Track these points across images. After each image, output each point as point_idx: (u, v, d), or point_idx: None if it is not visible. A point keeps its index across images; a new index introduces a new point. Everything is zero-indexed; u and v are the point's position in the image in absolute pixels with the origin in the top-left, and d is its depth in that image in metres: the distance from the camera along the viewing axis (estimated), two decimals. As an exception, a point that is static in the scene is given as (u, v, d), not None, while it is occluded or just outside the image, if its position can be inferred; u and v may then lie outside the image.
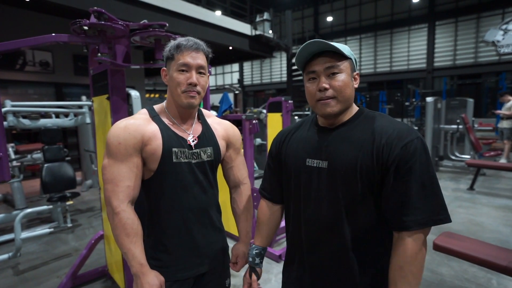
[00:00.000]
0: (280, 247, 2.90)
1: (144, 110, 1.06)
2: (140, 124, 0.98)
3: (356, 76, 0.90)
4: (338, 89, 0.85)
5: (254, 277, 1.08)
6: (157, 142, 0.98)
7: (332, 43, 0.84)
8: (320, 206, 0.89)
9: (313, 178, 0.90)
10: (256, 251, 1.09)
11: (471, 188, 4.69)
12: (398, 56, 16.23)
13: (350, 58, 0.87)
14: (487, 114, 13.19)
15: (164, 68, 1.04)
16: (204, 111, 1.16)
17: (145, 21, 1.78)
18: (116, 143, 0.94)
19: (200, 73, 1.00)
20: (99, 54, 1.58)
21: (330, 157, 0.87)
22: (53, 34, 1.55)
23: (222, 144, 1.12)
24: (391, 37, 16.35)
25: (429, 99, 5.82)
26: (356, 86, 0.90)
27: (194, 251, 1.05)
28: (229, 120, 3.10)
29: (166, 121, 1.04)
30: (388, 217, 0.82)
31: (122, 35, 1.68)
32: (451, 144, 6.53)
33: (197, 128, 1.09)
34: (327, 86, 0.84)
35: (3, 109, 3.14)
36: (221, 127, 1.16)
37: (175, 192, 1.01)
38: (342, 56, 0.86)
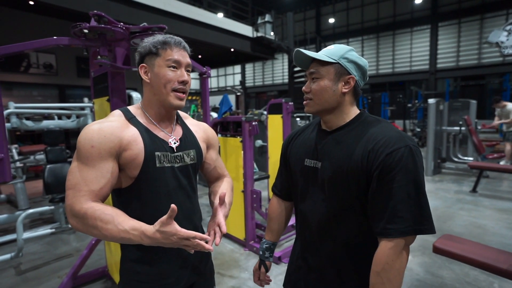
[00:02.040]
0: (280, 249, 2.90)
1: (118, 112, 0.96)
2: (117, 127, 0.89)
3: (350, 81, 0.89)
4: (314, 93, 0.91)
5: (263, 269, 1.13)
6: (138, 146, 0.90)
7: (309, 52, 0.90)
8: (314, 203, 0.94)
9: (309, 177, 0.96)
10: (266, 245, 1.13)
11: (474, 190, 4.65)
12: (400, 57, 16.17)
13: (337, 63, 0.88)
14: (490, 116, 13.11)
15: (144, 64, 0.95)
16: (180, 113, 1.10)
17: (145, 24, 1.80)
18: (88, 146, 0.84)
19: (187, 71, 0.97)
20: (99, 57, 1.60)
21: (323, 158, 0.91)
22: (55, 37, 1.57)
23: (203, 146, 1.09)
24: (394, 38, 16.30)
25: (431, 100, 5.80)
26: (345, 90, 0.89)
27: (180, 262, 0.99)
28: (229, 122, 3.13)
29: (145, 123, 0.96)
30: (372, 223, 0.83)
31: (122, 38, 1.70)
32: (453, 146, 6.50)
33: (178, 130, 1.03)
34: (307, 90, 0.93)
35: (7, 111, 3.18)
36: (200, 129, 1.12)
37: (158, 200, 0.93)
38: (326, 62, 0.89)
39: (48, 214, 3.75)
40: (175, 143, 0.98)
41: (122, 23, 1.70)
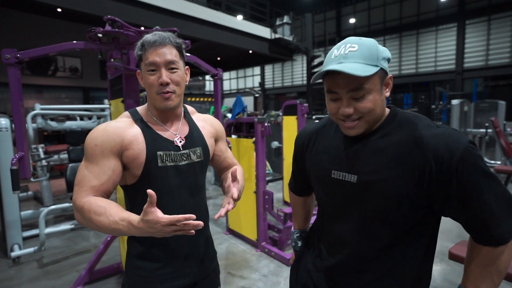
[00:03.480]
0: (291, 251, 2.87)
1: (127, 113, 1.00)
2: (120, 127, 0.92)
3: (389, 81, 0.78)
4: (365, 112, 0.74)
5: None
6: (139, 146, 0.92)
7: (350, 70, 0.69)
8: (346, 220, 0.82)
9: (339, 192, 0.83)
10: (297, 234, 1.11)
11: (501, 196, 4.40)
12: (424, 57, 15.61)
13: (379, 68, 0.73)
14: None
15: (138, 70, 0.98)
16: (188, 108, 1.10)
17: (158, 27, 1.85)
18: (92, 145, 0.88)
19: (172, 69, 0.93)
20: (112, 60, 1.66)
21: (360, 171, 0.78)
22: (72, 42, 1.65)
23: (210, 143, 1.09)
24: (417, 38, 15.77)
25: (454, 101, 5.56)
26: (387, 94, 0.78)
27: (183, 261, 0.99)
28: (242, 123, 3.14)
29: (150, 123, 0.97)
30: (474, 236, 0.76)
31: (135, 41, 1.76)
32: (479, 149, 6.19)
33: (184, 128, 1.03)
34: (351, 111, 0.74)
35: (33, 112, 3.37)
36: (207, 124, 1.11)
37: (161, 198, 0.90)
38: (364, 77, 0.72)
39: (70, 210, 3.93)
40: (180, 141, 0.98)
41: (134, 27, 1.76)
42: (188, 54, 2.13)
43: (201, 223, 0.76)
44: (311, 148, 0.94)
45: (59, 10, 5.70)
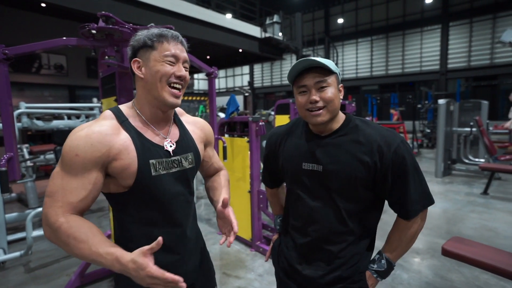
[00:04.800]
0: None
1: (109, 113, 0.88)
2: (106, 134, 0.81)
3: (341, 89, 0.99)
4: (328, 101, 0.94)
5: None
6: (130, 155, 0.83)
7: (319, 59, 0.91)
8: (314, 202, 1.02)
9: (309, 179, 1.02)
10: (280, 218, 1.25)
11: (485, 192, 4.55)
12: (410, 57, 15.96)
13: (336, 73, 0.96)
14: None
15: (137, 58, 0.88)
16: (177, 109, 1.03)
17: (152, 24, 1.81)
18: (72, 154, 0.77)
19: (185, 67, 0.91)
20: (106, 57, 1.62)
21: (324, 162, 0.98)
22: (63, 38, 1.59)
23: (201, 148, 1.04)
24: (403, 38, 16.09)
25: (441, 101, 5.70)
26: (341, 97, 0.99)
27: (179, 267, 0.94)
28: (235, 122, 3.13)
29: (138, 126, 0.89)
30: (394, 209, 1.00)
31: (129, 38, 1.71)
32: (464, 148, 6.37)
33: (174, 132, 0.97)
34: (317, 98, 0.93)
35: (18, 111, 3.24)
36: (197, 127, 1.06)
37: (155, 208, 0.89)
38: (329, 71, 0.94)
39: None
40: (171, 146, 0.91)
41: (130, 24, 1.71)
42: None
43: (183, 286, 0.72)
44: (283, 146, 1.11)
45: (43, 5, 5.51)
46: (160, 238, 0.71)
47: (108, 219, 3.79)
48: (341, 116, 1.03)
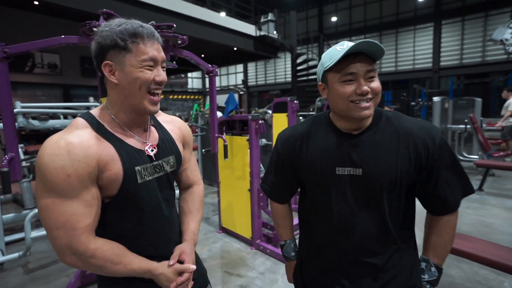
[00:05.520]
0: (287, 248, 2.89)
1: (82, 121, 0.79)
2: (89, 146, 0.74)
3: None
4: (377, 92, 0.83)
5: None
6: (116, 165, 0.78)
7: (376, 42, 0.79)
8: (354, 212, 0.88)
9: (347, 185, 0.88)
10: (293, 243, 1.14)
11: (480, 189, 4.62)
12: (403, 55, 16.10)
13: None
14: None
15: (108, 62, 0.77)
16: None
17: (153, 22, 1.79)
18: (63, 176, 0.70)
19: (163, 67, 0.83)
20: (108, 55, 1.60)
21: (364, 164, 0.86)
22: (64, 36, 1.57)
23: (181, 148, 0.98)
24: (397, 36, 16.22)
25: (436, 98, 5.78)
26: None
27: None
28: (235, 120, 3.12)
29: (116, 132, 0.81)
30: (433, 206, 0.92)
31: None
32: (458, 144, 6.46)
33: (154, 135, 0.91)
34: (369, 89, 0.81)
35: (14, 110, 3.17)
36: (175, 127, 0.99)
37: (141, 217, 0.84)
38: (373, 60, 0.83)
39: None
40: (152, 150, 0.86)
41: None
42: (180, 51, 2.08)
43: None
44: (305, 151, 0.94)
45: (36, 3, 5.42)
46: (192, 267, 0.89)
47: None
48: None
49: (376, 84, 0.83)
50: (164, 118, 0.99)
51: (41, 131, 5.64)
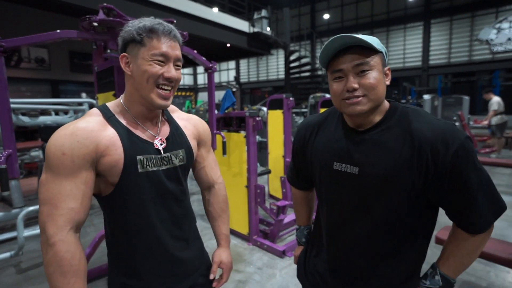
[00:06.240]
0: (283, 243, 2.93)
1: (96, 110, 0.84)
2: (92, 130, 0.78)
3: (388, 72, 0.81)
4: (369, 88, 0.75)
5: None
6: (118, 151, 0.80)
7: (360, 36, 0.74)
8: (345, 209, 0.86)
9: (341, 182, 0.85)
10: (307, 230, 1.13)
11: (468, 184, 4.75)
12: (394, 54, 16.33)
13: (381, 52, 0.78)
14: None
15: (125, 54, 0.82)
16: (170, 106, 0.98)
17: (153, 17, 1.77)
18: (59, 153, 0.73)
19: (177, 66, 0.85)
20: (108, 51, 1.57)
21: (362, 163, 0.81)
22: (62, 31, 1.54)
23: (194, 144, 0.98)
24: (387, 35, 16.43)
25: (426, 96, 5.91)
26: (388, 82, 0.81)
27: (171, 271, 0.92)
28: (231, 117, 3.12)
29: (125, 122, 0.84)
30: (454, 220, 0.82)
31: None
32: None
33: (164, 129, 0.92)
34: (356, 86, 0.75)
35: (2, 106, 3.09)
36: (191, 124, 1.00)
37: (143, 207, 0.85)
38: (371, 50, 0.76)
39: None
40: (161, 144, 0.88)
41: (129, 17, 1.67)
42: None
43: None
44: (312, 140, 0.94)
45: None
46: None
47: (101, 217, 3.70)
48: (385, 106, 0.83)
49: (369, 79, 0.75)
50: (180, 115, 1.01)
51: (29, 128, 5.50)
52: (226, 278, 1.04)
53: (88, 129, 0.77)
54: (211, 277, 0.99)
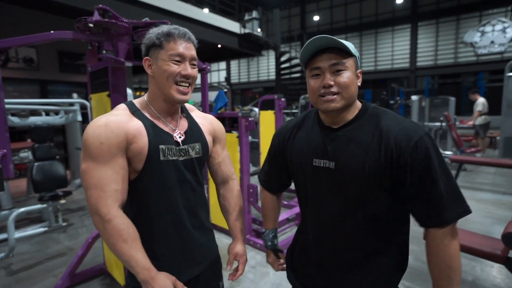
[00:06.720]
0: (276, 242, 2.97)
1: (123, 106, 0.96)
2: (122, 121, 0.89)
3: (359, 74, 0.89)
4: (343, 86, 0.83)
5: (280, 255, 1.16)
6: (143, 139, 0.90)
7: (336, 38, 0.82)
8: (328, 203, 0.91)
9: (321, 177, 0.91)
10: (272, 234, 1.15)
11: (454, 182, 4.89)
12: (382, 55, 16.63)
13: (355, 56, 0.86)
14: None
15: (148, 57, 0.94)
16: (187, 105, 1.10)
17: (147, 19, 1.80)
18: (97, 143, 0.84)
19: (193, 65, 0.95)
20: (104, 52, 1.59)
21: (337, 158, 0.87)
22: (58, 31, 1.54)
23: (209, 139, 1.08)
24: (376, 36, 16.72)
25: (414, 97, 6.05)
26: (359, 84, 0.89)
27: (184, 255, 0.99)
28: (224, 117, 3.15)
29: (149, 116, 0.95)
30: (419, 219, 0.84)
31: (125, 32, 1.69)
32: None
33: (183, 124, 1.02)
34: (331, 82, 0.83)
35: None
36: (207, 122, 1.10)
37: (163, 193, 0.94)
38: (347, 53, 0.84)
39: (35, 213, 3.65)
40: (180, 137, 0.97)
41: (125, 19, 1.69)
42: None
43: None
44: (291, 141, 1.00)
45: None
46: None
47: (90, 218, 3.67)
48: (357, 105, 0.91)
49: (343, 78, 0.83)
50: (197, 114, 1.11)
51: (17, 129, 5.40)
52: (242, 270, 1.10)
53: (118, 121, 0.88)
54: (228, 268, 1.06)
